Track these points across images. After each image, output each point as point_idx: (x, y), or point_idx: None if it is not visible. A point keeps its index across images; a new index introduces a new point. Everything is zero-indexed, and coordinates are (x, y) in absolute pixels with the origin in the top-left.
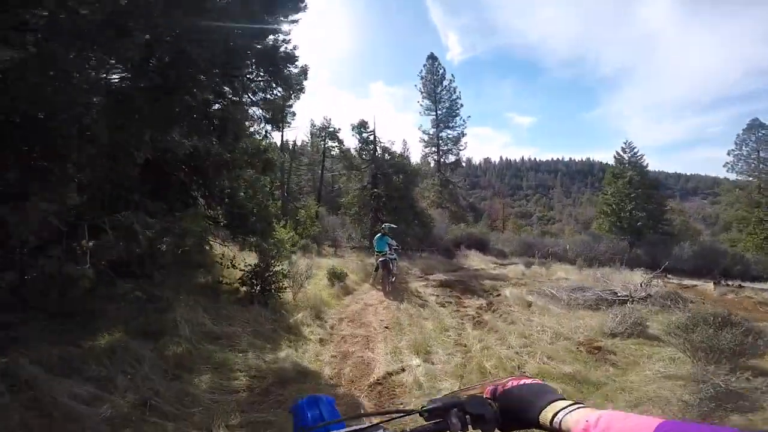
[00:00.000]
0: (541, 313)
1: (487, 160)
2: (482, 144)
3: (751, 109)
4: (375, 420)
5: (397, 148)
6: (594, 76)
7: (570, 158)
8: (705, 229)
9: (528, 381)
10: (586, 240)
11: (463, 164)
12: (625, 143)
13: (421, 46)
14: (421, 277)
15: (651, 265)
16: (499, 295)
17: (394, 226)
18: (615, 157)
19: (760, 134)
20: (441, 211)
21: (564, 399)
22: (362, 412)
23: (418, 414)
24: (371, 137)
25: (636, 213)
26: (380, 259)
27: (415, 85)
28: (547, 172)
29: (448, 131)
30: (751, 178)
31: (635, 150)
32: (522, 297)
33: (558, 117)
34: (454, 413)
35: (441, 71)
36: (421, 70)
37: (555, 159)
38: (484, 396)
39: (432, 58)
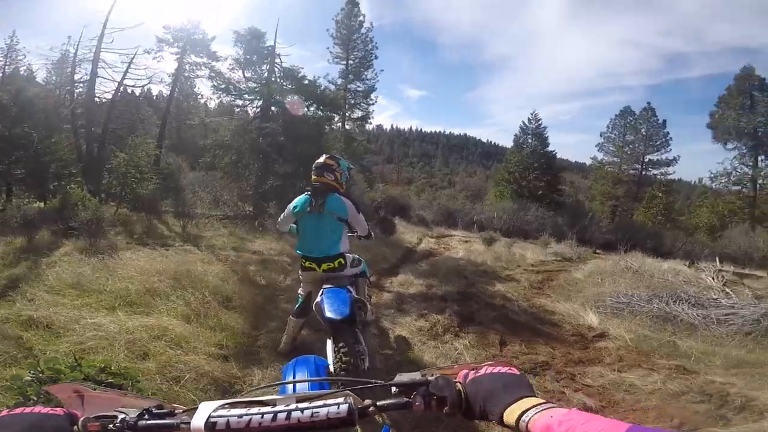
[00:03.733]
0: None
1: (379, 127)
2: (376, 112)
3: (593, 103)
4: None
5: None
6: (479, 60)
7: (450, 132)
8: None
9: (503, 369)
10: (509, 207)
11: (371, 121)
12: (532, 114)
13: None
14: (385, 287)
15: (582, 239)
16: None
17: (351, 166)
18: (520, 126)
19: (628, 120)
20: None
21: (535, 397)
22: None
23: (386, 385)
24: (266, 52)
25: (536, 182)
26: (324, 294)
27: (327, 30)
28: (430, 143)
29: (358, 84)
30: (615, 158)
31: (540, 122)
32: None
33: (443, 93)
34: (420, 391)
35: (360, 18)
36: (338, 14)
37: (437, 132)
38: (456, 379)
39: (352, 2)
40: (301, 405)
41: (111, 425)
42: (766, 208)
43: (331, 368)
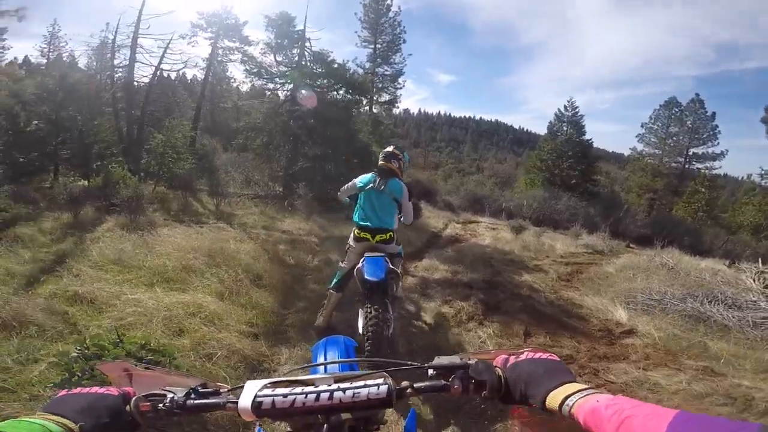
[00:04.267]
0: None
1: (406, 111)
2: (403, 97)
3: (634, 92)
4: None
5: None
6: (514, 44)
7: (480, 117)
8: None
9: (543, 356)
10: (540, 195)
11: (398, 105)
12: (569, 101)
13: None
14: (409, 272)
15: (615, 231)
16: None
17: (410, 158)
18: (555, 114)
19: (674, 111)
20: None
21: (576, 382)
22: (372, 358)
23: (425, 369)
24: (296, 36)
25: (570, 171)
26: (365, 259)
27: (355, 14)
28: (459, 128)
29: (386, 67)
30: (657, 150)
31: (577, 110)
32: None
33: (475, 78)
34: (459, 374)
35: (388, 1)
36: None
37: (467, 117)
38: (494, 364)
39: None
40: (342, 385)
41: (161, 405)
42: None
43: (360, 330)
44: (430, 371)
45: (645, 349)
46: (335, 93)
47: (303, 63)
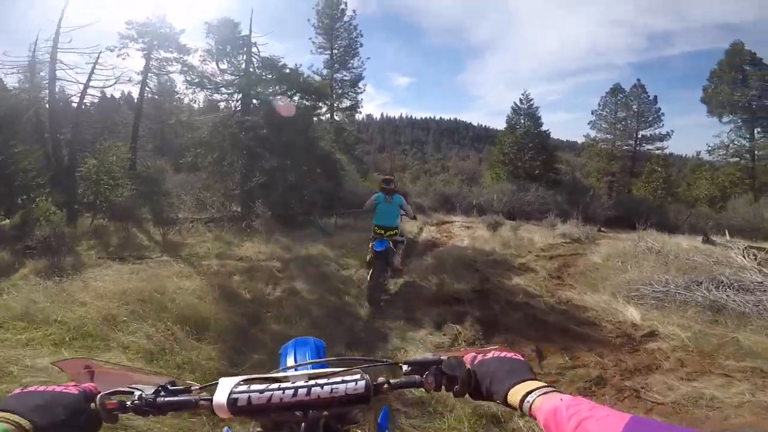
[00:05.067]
0: None
1: (369, 116)
2: (366, 101)
3: (580, 81)
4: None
5: None
6: (465, 43)
7: (440, 117)
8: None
9: (509, 355)
10: (508, 188)
11: (360, 110)
12: (523, 95)
13: None
14: (389, 290)
15: (585, 217)
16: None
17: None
18: (512, 107)
19: (619, 97)
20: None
21: (537, 380)
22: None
23: (399, 366)
24: (241, 42)
25: (532, 162)
26: (375, 242)
27: (309, 20)
28: (420, 129)
29: (345, 73)
30: (609, 135)
31: (532, 101)
32: None
33: (431, 79)
34: (432, 371)
35: (342, 6)
36: (318, 3)
37: (428, 117)
38: (464, 361)
39: None
40: (320, 381)
41: (129, 402)
42: (766, 178)
43: (368, 278)
44: (404, 367)
45: (675, 354)
46: (290, 99)
47: (251, 70)
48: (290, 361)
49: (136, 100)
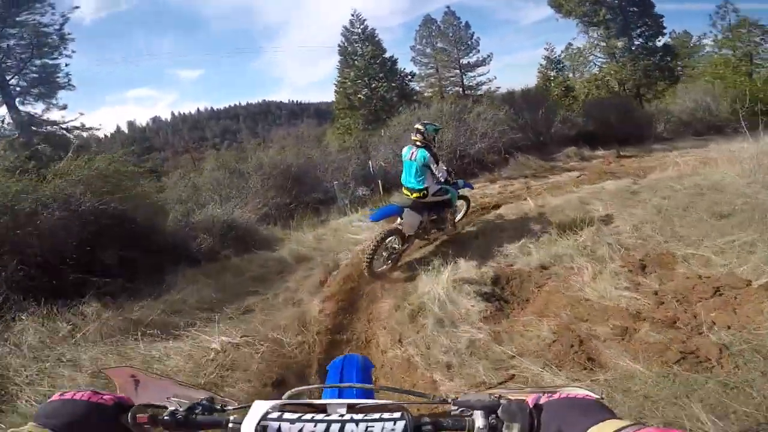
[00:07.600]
0: None
1: (156, 119)
2: (147, 107)
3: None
4: (398, 398)
5: None
6: (258, 25)
7: (247, 102)
8: None
9: (580, 394)
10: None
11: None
12: (353, 15)
13: None
14: None
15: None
16: None
17: (438, 125)
18: (343, 35)
19: (433, 28)
20: None
21: (619, 419)
22: (392, 386)
23: (448, 401)
24: None
25: (390, 94)
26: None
27: None
28: (227, 118)
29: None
30: (430, 69)
31: (365, 21)
32: None
33: (225, 67)
34: (483, 414)
35: None
36: None
37: (233, 105)
38: (526, 403)
39: None
40: (355, 416)
41: (160, 417)
42: None
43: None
44: (453, 408)
45: None
46: None
47: None
48: (337, 381)
49: None
